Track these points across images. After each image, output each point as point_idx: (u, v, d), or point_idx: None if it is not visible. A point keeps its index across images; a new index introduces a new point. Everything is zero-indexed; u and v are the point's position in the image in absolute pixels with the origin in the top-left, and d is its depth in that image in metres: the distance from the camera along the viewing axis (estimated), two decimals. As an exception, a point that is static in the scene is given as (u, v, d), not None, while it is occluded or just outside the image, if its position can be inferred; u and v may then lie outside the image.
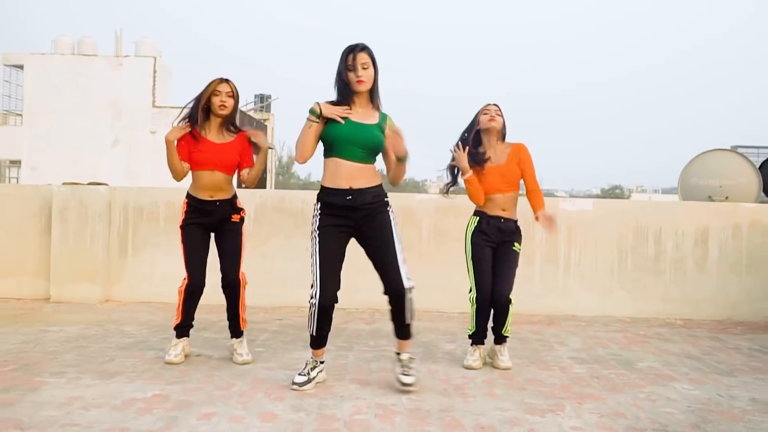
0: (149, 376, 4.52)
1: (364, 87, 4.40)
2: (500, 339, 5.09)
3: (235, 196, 5.06)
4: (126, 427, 3.60)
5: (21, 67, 35.06)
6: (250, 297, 5.18)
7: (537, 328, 6.41)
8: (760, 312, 7.14)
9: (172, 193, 7.17)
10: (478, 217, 5.09)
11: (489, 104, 5.15)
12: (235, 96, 4.95)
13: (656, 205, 7.35)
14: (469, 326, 5.15)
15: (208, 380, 4.47)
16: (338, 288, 4.41)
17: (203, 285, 4.97)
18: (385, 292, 4.41)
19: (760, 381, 4.84)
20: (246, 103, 46.71)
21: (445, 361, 5.17)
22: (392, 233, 4.43)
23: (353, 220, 4.40)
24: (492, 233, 5.03)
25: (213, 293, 5.09)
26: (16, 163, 36.08)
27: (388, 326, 4.61)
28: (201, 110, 4.91)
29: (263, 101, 48.18)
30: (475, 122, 5.13)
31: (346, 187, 4.35)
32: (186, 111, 4.96)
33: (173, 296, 5.03)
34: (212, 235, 5.08)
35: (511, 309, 5.02)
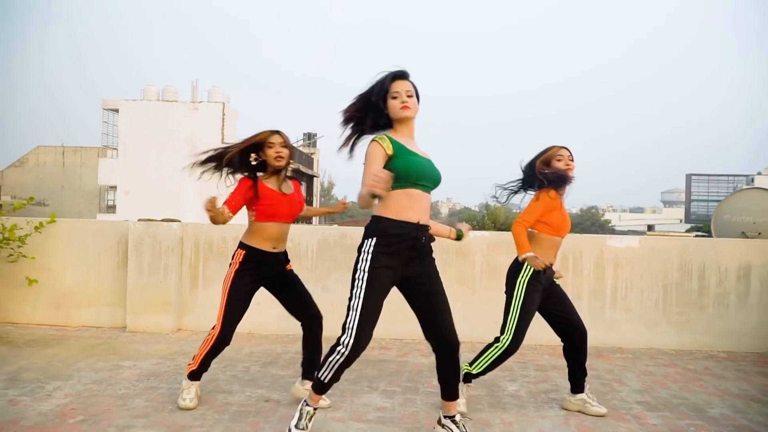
0: (219, 431, 3.50)
1: (412, 113, 3.21)
2: (582, 378, 4.07)
3: None
4: None
5: (117, 110, 36.16)
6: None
7: (587, 361, 5.24)
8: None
9: (240, 230, 6.11)
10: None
11: (563, 148, 3.91)
12: (289, 146, 3.89)
13: (699, 242, 6.14)
14: (479, 368, 3.96)
15: (281, 437, 3.43)
16: (369, 341, 3.22)
17: (231, 340, 3.90)
18: (436, 347, 3.25)
19: None
20: (296, 141, 47.04)
21: (515, 408, 4.09)
22: (440, 278, 3.31)
23: (408, 260, 3.19)
24: (544, 282, 3.90)
25: (276, 323, 4.16)
26: (113, 188, 37.50)
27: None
28: (244, 159, 3.83)
29: (310, 138, 48.52)
30: (550, 165, 3.86)
31: (415, 220, 3.17)
32: (214, 154, 3.86)
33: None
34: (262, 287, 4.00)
35: None
